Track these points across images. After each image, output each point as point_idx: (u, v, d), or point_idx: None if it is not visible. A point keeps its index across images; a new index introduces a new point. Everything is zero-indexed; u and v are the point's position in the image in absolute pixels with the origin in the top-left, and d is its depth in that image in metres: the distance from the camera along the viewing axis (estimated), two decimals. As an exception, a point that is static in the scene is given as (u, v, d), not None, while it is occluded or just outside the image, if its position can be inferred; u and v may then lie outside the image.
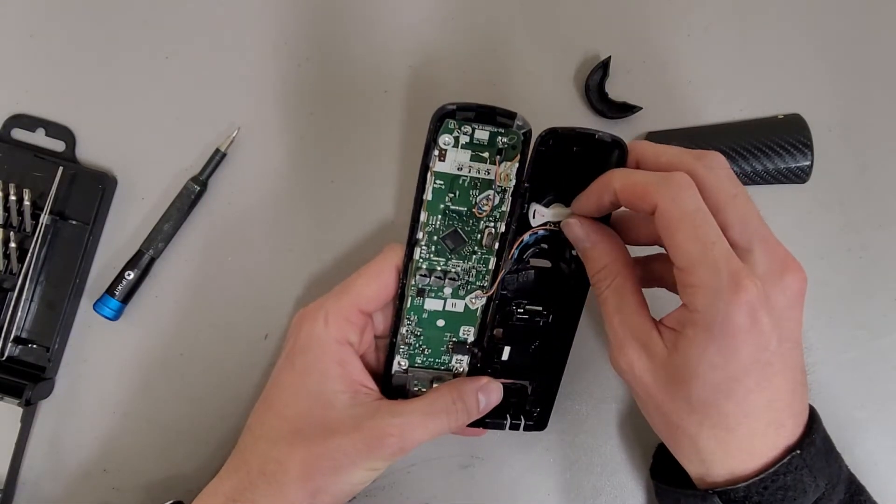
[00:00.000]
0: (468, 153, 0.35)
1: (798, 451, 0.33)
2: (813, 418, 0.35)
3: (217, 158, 0.44)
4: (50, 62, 0.45)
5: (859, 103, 0.47)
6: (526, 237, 0.36)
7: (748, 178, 0.45)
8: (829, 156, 0.46)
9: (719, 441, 0.33)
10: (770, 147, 0.44)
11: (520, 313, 0.39)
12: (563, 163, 0.36)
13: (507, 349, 0.39)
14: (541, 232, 0.37)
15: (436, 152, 0.35)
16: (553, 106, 0.46)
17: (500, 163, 0.35)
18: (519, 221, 0.36)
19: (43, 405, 0.43)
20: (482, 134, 0.34)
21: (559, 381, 0.40)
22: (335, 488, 0.35)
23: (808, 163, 0.44)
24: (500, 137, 0.35)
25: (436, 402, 0.37)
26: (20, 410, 0.42)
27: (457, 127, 0.34)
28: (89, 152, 0.45)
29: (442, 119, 0.34)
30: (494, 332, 0.39)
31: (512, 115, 0.34)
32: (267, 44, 0.46)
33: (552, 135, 0.34)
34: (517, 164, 0.35)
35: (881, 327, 0.45)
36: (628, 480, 0.44)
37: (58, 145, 0.44)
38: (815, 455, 0.33)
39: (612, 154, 0.35)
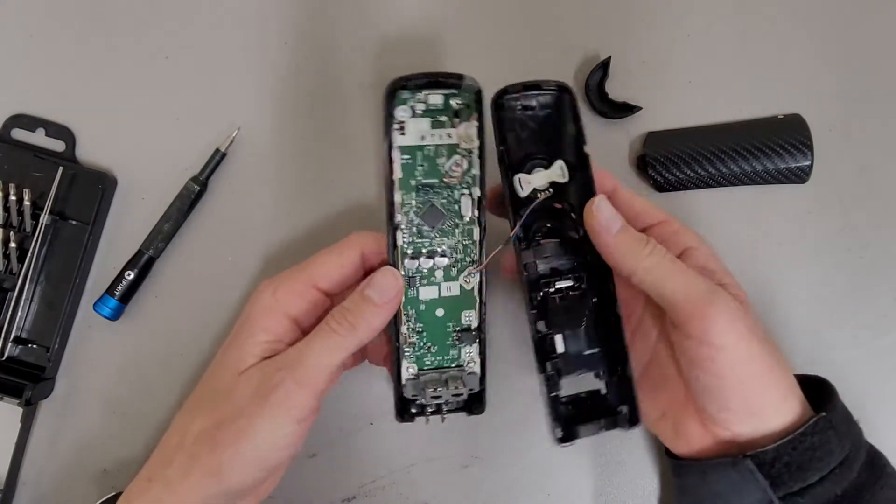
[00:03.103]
0: (427, 121, 0.35)
1: (824, 413, 0.34)
2: (830, 387, 0.37)
3: (217, 158, 0.44)
4: (50, 62, 0.45)
5: (859, 103, 0.47)
6: (519, 224, 0.35)
7: (748, 178, 0.45)
8: (829, 156, 0.46)
9: (781, 375, 0.35)
10: (770, 147, 0.44)
11: (552, 293, 0.36)
12: (528, 123, 0.36)
13: (558, 338, 0.36)
14: (534, 207, 0.36)
15: (396, 126, 0.35)
16: (553, 106, 0.46)
17: (459, 124, 0.36)
18: (510, 195, 0.36)
19: (43, 405, 0.43)
20: (436, 99, 0.35)
21: (627, 361, 0.36)
22: (241, 458, 0.32)
23: (808, 163, 0.44)
24: (453, 100, 0.35)
25: (319, 325, 0.35)
26: (20, 410, 0.42)
27: (411, 97, 0.35)
28: (89, 152, 0.45)
29: (393, 92, 0.34)
30: (537, 324, 0.36)
31: (460, 77, 0.34)
32: (267, 44, 0.46)
33: (503, 93, 0.35)
34: (476, 123, 0.35)
35: (882, 327, 0.45)
36: (628, 480, 0.44)
37: (58, 145, 0.44)
38: (839, 419, 0.35)
39: (564, 100, 0.36)
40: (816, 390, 0.37)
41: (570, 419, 0.37)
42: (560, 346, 0.37)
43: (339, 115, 0.46)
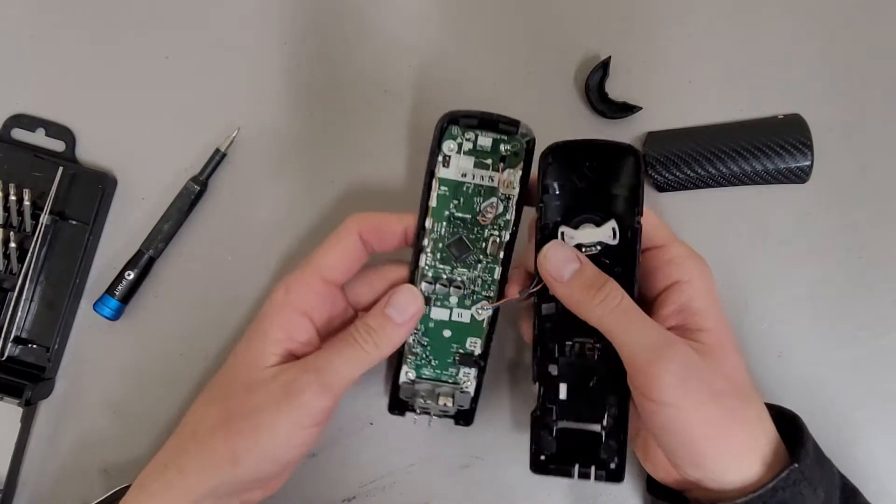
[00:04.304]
0: (471, 159, 0.36)
1: (796, 465, 0.33)
2: (800, 426, 0.36)
3: (217, 158, 0.44)
4: (50, 62, 0.45)
5: (859, 103, 0.47)
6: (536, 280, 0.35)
7: (748, 178, 0.45)
8: (829, 156, 0.46)
9: (737, 435, 0.33)
10: (770, 147, 0.44)
11: (568, 346, 0.36)
12: (580, 179, 0.35)
13: (562, 386, 0.36)
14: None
15: (440, 158, 0.35)
16: (553, 106, 0.46)
17: (504, 170, 0.35)
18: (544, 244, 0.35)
19: (43, 405, 0.43)
20: (485, 140, 0.35)
21: (626, 421, 0.36)
22: (257, 450, 0.34)
23: (807, 163, 0.44)
24: (503, 145, 0.36)
25: (345, 335, 0.36)
26: (20, 410, 0.42)
27: (460, 133, 0.35)
28: (89, 152, 0.45)
29: (446, 125, 0.35)
30: (549, 369, 0.36)
31: (515, 123, 0.34)
32: (267, 44, 0.46)
33: (552, 151, 0.34)
34: (520, 172, 0.35)
35: (881, 327, 0.45)
36: (628, 481, 0.44)
37: (58, 145, 0.44)
38: (811, 466, 0.33)
39: (627, 161, 0.35)
40: (788, 426, 0.36)
41: (554, 454, 0.37)
42: (563, 394, 0.36)
43: (339, 114, 0.45)
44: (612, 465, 0.36)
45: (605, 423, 0.36)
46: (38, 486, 0.43)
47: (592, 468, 0.36)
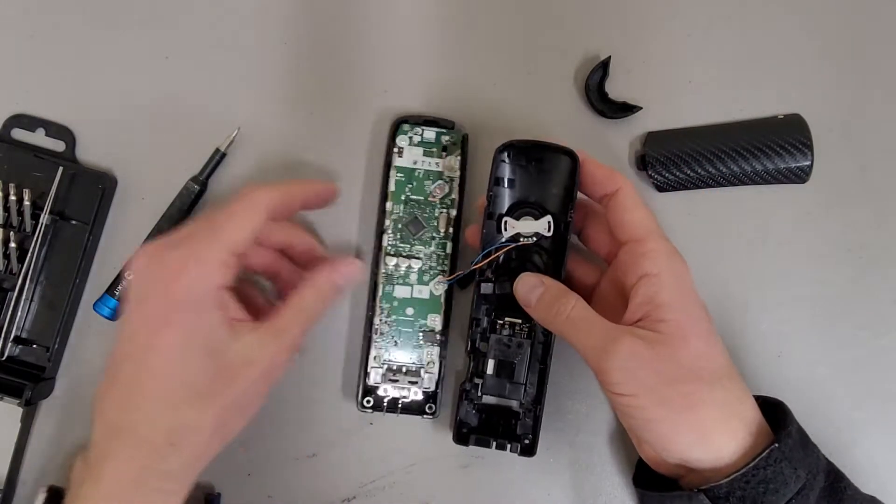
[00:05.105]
0: (420, 150, 0.43)
1: (776, 445, 0.34)
2: (784, 411, 0.37)
3: (217, 158, 0.44)
4: (50, 62, 0.45)
5: (859, 103, 0.47)
6: (482, 256, 0.40)
7: (748, 178, 0.45)
8: (829, 156, 0.46)
9: (701, 417, 0.35)
10: (770, 147, 0.44)
11: (500, 324, 0.40)
12: (525, 175, 0.40)
13: (490, 362, 0.40)
14: (503, 243, 0.40)
15: (395, 150, 0.43)
16: (553, 106, 0.46)
17: (446, 157, 0.43)
18: (491, 232, 0.40)
19: (43, 405, 0.43)
20: (430, 134, 0.44)
21: (542, 400, 0.40)
22: (243, 422, 0.37)
23: (808, 163, 0.44)
24: (443, 136, 0.44)
25: (299, 304, 0.37)
26: (20, 410, 0.42)
27: (410, 129, 0.43)
28: (89, 152, 0.45)
29: (397, 124, 0.43)
30: (478, 345, 0.41)
31: (452, 123, 0.44)
32: (267, 44, 0.46)
33: (509, 147, 0.39)
34: (459, 158, 0.43)
35: (881, 327, 0.45)
36: (628, 480, 0.44)
37: (58, 145, 0.44)
38: (792, 447, 0.35)
39: (566, 164, 0.39)
40: (772, 412, 0.37)
41: (475, 427, 0.42)
42: (490, 369, 0.40)
43: (339, 114, 0.46)
44: (527, 441, 0.41)
45: (523, 400, 0.40)
46: (38, 486, 0.43)
47: (508, 443, 0.40)
